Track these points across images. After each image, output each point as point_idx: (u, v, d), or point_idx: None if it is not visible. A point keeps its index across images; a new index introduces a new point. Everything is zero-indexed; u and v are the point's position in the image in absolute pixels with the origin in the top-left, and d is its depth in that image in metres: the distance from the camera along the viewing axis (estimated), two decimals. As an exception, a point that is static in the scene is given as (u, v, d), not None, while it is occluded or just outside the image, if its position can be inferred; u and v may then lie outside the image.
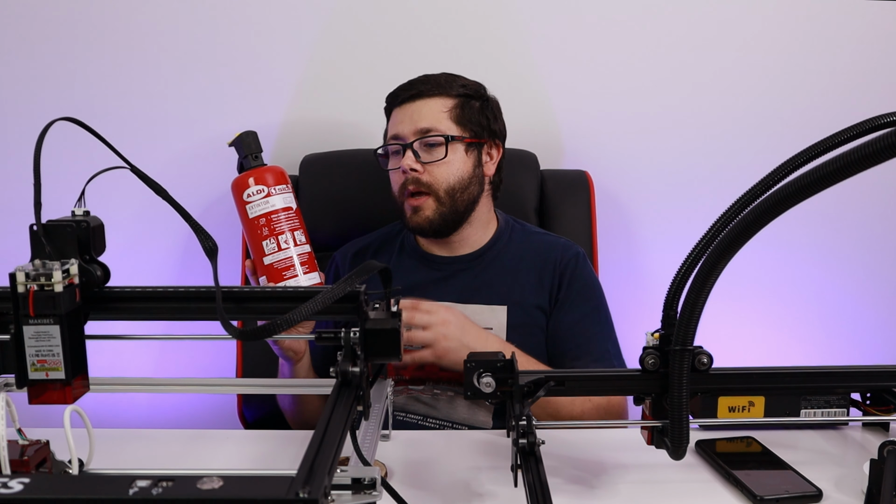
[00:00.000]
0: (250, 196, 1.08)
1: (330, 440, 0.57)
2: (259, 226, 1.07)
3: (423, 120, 1.25)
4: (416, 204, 1.25)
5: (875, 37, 1.64)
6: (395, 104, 1.29)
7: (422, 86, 1.27)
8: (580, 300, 1.28)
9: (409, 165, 1.23)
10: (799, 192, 0.56)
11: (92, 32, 1.56)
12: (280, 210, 1.09)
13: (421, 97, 1.26)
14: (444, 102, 1.27)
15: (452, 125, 1.26)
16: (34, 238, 0.68)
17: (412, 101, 1.27)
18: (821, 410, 1.05)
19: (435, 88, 1.27)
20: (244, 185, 1.08)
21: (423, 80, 1.29)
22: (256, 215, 1.08)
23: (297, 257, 1.09)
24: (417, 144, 1.24)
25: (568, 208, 1.51)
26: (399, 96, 1.28)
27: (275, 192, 1.09)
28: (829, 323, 1.76)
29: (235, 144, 1.11)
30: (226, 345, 1.53)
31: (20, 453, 0.73)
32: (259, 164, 1.10)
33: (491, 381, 0.84)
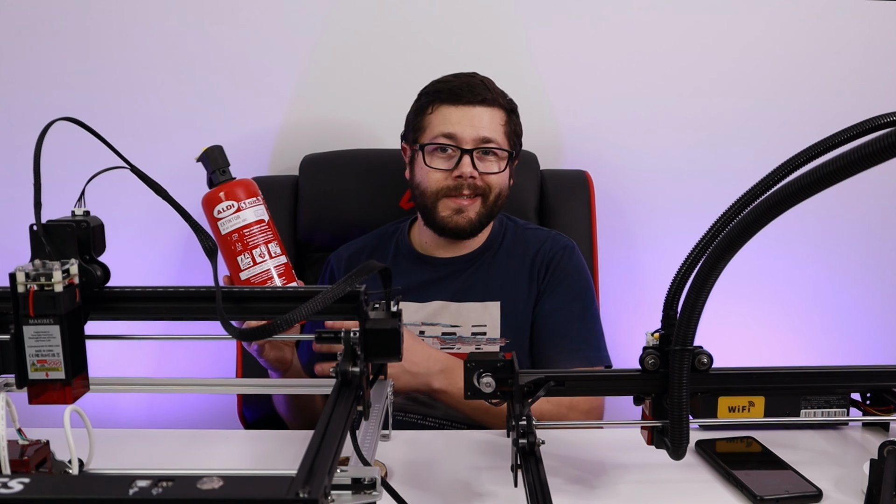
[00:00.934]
0: (221, 212, 1.06)
1: (330, 440, 0.57)
2: (232, 241, 1.06)
3: (484, 129, 1.24)
4: (465, 204, 1.25)
5: (875, 37, 1.64)
6: (451, 102, 1.25)
7: (484, 92, 1.25)
8: (561, 289, 1.29)
9: (469, 173, 1.23)
10: (799, 192, 0.56)
11: (92, 34, 1.57)
12: (252, 223, 1.07)
13: (483, 104, 1.25)
14: (500, 115, 1.27)
15: (505, 140, 1.27)
16: (34, 238, 0.68)
17: (473, 105, 1.25)
18: (821, 410, 1.05)
19: (493, 98, 1.26)
20: (214, 200, 1.06)
21: (481, 85, 1.27)
22: (229, 231, 1.06)
23: (274, 269, 1.07)
24: (478, 153, 1.24)
25: (568, 208, 1.51)
26: (460, 96, 1.25)
27: (245, 206, 1.07)
28: (829, 323, 1.76)
29: (202, 160, 1.09)
30: (226, 345, 1.53)
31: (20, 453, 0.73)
32: (227, 179, 1.08)
33: (491, 381, 0.84)
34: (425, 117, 1.28)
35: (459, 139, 1.24)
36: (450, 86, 1.27)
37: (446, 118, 1.25)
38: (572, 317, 1.28)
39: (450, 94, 1.26)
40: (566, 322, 1.27)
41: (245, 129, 1.63)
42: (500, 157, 1.27)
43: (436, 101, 1.27)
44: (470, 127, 1.24)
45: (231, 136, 1.62)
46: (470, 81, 1.27)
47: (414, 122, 1.30)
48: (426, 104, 1.28)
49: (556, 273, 1.29)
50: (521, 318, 1.27)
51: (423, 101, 1.29)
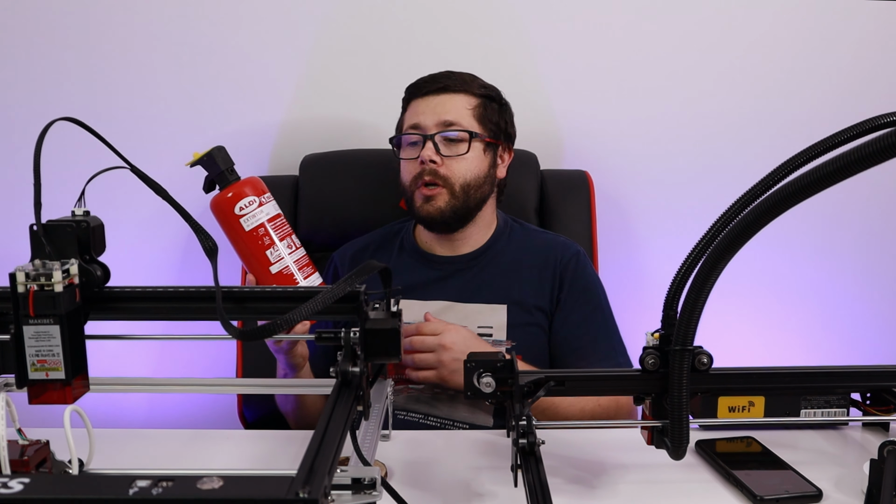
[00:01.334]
0: (243, 209, 1.06)
1: (330, 440, 0.57)
2: (259, 236, 1.06)
3: (447, 113, 1.26)
4: (430, 193, 1.25)
5: (875, 37, 1.64)
6: (418, 95, 1.29)
7: (447, 80, 1.28)
8: (582, 300, 1.29)
9: (429, 157, 1.24)
10: (799, 192, 0.56)
11: (92, 33, 1.56)
12: (275, 217, 1.08)
13: (446, 91, 1.27)
14: (468, 100, 1.28)
15: (475, 122, 1.28)
16: (34, 238, 0.68)
17: (437, 93, 1.27)
18: (821, 410, 1.05)
19: (460, 84, 1.28)
20: (235, 198, 1.06)
21: (448, 75, 1.30)
22: (254, 226, 1.06)
23: (299, 261, 1.09)
24: (439, 137, 1.25)
25: (568, 208, 1.51)
26: (423, 87, 1.29)
27: (266, 199, 1.08)
28: (829, 323, 1.76)
29: (204, 162, 1.08)
30: (226, 345, 1.53)
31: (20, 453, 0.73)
32: (237, 178, 1.08)
33: (491, 381, 0.84)
34: (402, 116, 1.34)
35: (423, 127, 1.26)
36: (419, 81, 1.31)
37: (414, 110, 1.29)
38: (599, 325, 1.29)
39: (416, 89, 1.30)
40: (595, 332, 1.28)
41: (245, 129, 1.63)
42: (464, 140, 1.26)
43: (407, 98, 1.32)
44: (432, 113, 1.26)
45: (231, 136, 1.62)
46: (437, 75, 1.30)
47: (397, 123, 1.35)
48: (404, 104, 1.34)
49: (575, 284, 1.29)
50: (528, 321, 1.27)
51: (403, 103, 1.34)
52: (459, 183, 1.26)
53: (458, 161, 1.26)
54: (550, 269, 1.29)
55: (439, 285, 1.29)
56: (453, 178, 1.25)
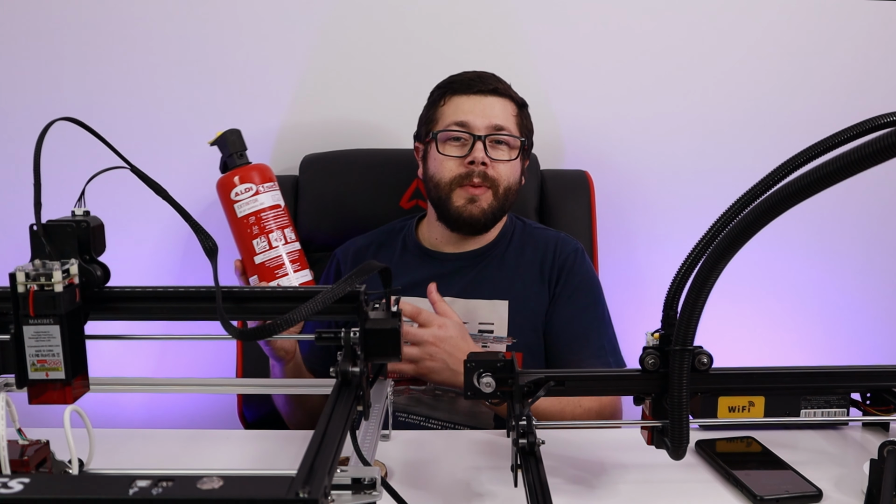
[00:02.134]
0: (238, 195, 1.07)
1: (330, 440, 0.57)
2: (249, 224, 1.07)
3: (497, 117, 1.26)
4: (477, 194, 1.25)
5: (875, 37, 1.64)
6: (463, 92, 1.27)
7: (496, 82, 1.28)
8: (577, 295, 1.29)
9: (481, 158, 1.23)
10: (799, 192, 0.56)
11: (92, 34, 1.56)
12: (269, 208, 1.08)
13: (495, 94, 1.27)
14: (512, 106, 1.29)
15: (517, 130, 1.28)
16: (34, 238, 0.68)
17: (485, 94, 1.26)
18: (821, 410, 1.05)
19: (505, 89, 1.29)
20: (231, 183, 1.07)
21: (495, 77, 1.29)
22: (245, 214, 1.07)
23: (288, 255, 1.09)
24: (490, 140, 1.25)
25: (568, 208, 1.51)
26: (471, 86, 1.27)
27: (263, 189, 1.08)
28: (829, 323, 1.76)
29: (219, 143, 1.09)
30: (226, 345, 1.53)
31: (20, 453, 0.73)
32: (245, 163, 1.09)
33: (491, 381, 0.84)
34: (438, 109, 1.29)
35: (472, 126, 1.25)
36: (461, 77, 1.30)
37: (459, 107, 1.27)
38: (593, 322, 1.29)
39: (462, 84, 1.28)
40: (587, 328, 1.28)
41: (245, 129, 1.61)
42: (513, 146, 1.27)
43: (448, 92, 1.29)
44: (482, 115, 1.25)
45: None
46: (481, 74, 1.30)
47: (427, 116, 1.32)
48: (438, 97, 1.30)
49: (571, 278, 1.29)
50: (530, 318, 1.27)
51: (436, 95, 1.31)
52: (504, 186, 1.26)
53: (506, 165, 1.26)
54: (549, 264, 1.30)
55: (443, 282, 1.29)
56: (500, 180, 1.26)
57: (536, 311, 1.27)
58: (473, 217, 1.26)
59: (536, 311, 1.27)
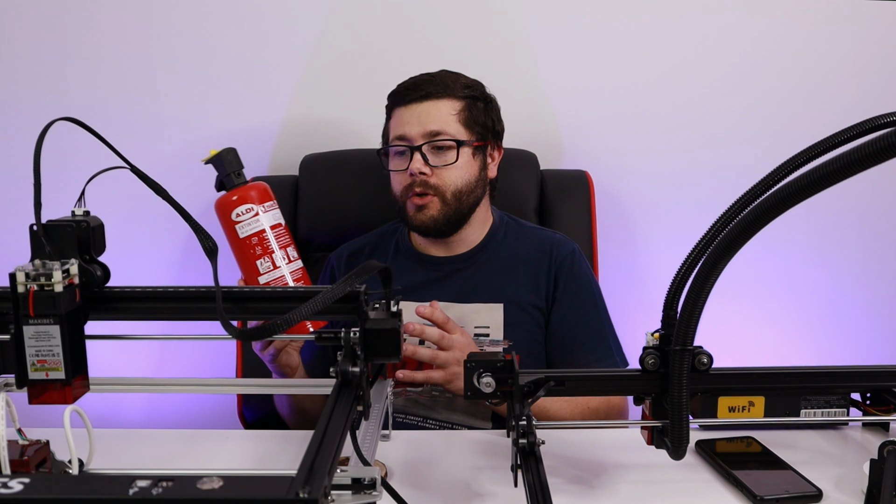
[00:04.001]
0: (239, 216, 1.06)
1: (330, 440, 0.57)
2: (251, 245, 1.06)
3: (431, 122, 1.23)
4: (422, 203, 1.24)
5: (875, 37, 1.64)
6: (400, 103, 1.26)
7: (429, 86, 1.25)
8: (579, 298, 1.28)
9: (418, 169, 1.22)
10: (799, 192, 0.56)
11: (92, 33, 1.56)
12: (271, 227, 1.08)
13: (429, 98, 1.24)
14: (452, 104, 1.25)
15: (461, 128, 1.25)
16: (34, 238, 0.68)
17: (419, 101, 1.24)
18: (821, 410, 1.05)
19: (442, 90, 1.25)
20: (232, 204, 1.06)
21: (429, 80, 1.26)
22: (248, 235, 1.06)
23: (291, 274, 1.08)
24: (426, 147, 1.23)
25: (568, 208, 1.51)
26: (405, 96, 1.25)
27: (264, 209, 1.08)
28: (829, 323, 1.76)
29: (215, 162, 1.08)
30: (226, 345, 1.53)
31: (20, 453, 0.73)
32: (242, 182, 1.08)
33: (491, 381, 0.84)
34: (387, 124, 1.30)
35: (409, 138, 1.24)
36: (400, 88, 1.28)
37: (399, 119, 1.26)
38: (597, 323, 1.29)
39: (397, 96, 1.27)
40: (591, 330, 1.28)
41: (245, 129, 1.63)
42: (452, 148, 1.24)
43: (391, 106, 1.29)
44: (417, 123, 1.23)
45: (231, 136, 1.62)
46: (419, 80, 1.27)
47: (383, 131, 1.32)
48: (387, 111, 1.30)
49: (571, 281, 1.28)
50: (525, 320, 1.26)
51: (386, 110, 1.31)
52: (451, 191, 1.24)
53: (448, 169, 1.24)
54: (546, 266, 1.29)
55: (436, 286, 1.29)
56: (444, 186, 1.24)
57: (532, 313, 1.27)
58: (425, 224, 1.25)
59: (532, 313, 1.27)
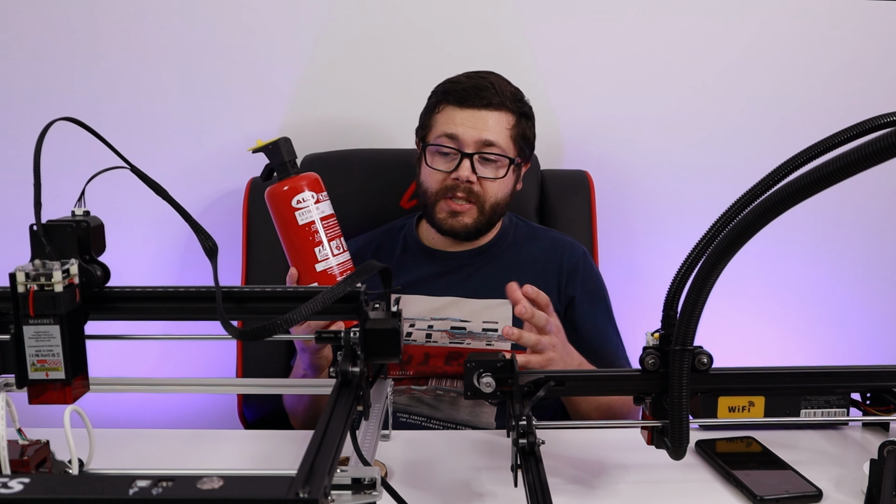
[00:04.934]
0: (301, 202, 1.06)
1: (330, 440, 0.57)
2: (311, 232, 1.07)
3: (488, 132, 1.23)
4: (459, 209, 1.24)
5: (875, 37, 1.64)
6: (458, 104, 1.24)
7: (492, 96, 1.24)
8: (594, 300, 1.31)
9: (466, 177, 1.22)
10: (799, 192, 0.56)
11: (93, 33, 1.56)
12: (329, 216, 1.09)
13: (490, 108, 1.23)
14: (507, 119, 1.25)
15: (511, 144, 1.25)
16: (34, 238, 0.68)
17: (479, 109, 1.23)
18: (821, 410, 1.05)
19: (502, 101, 1.24)
20: (292, 192, 1.06)
21: (492, 88, 1.24)
22: (307, 222, 1.07)
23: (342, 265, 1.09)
24: (478, 157, 1.23)
25: (568, 208, 1.51)
26: (465, 99, 1.24)
27: (322, 198, 1.09)
28: (829, 323, 1.76)
29: (270, 150, 1.08)
30: (226, 345, 1.53)
31: (20, 453, 0.73)
32: (298, 171, 1.08)
33: (491, 381, 0.84)
34: (432, 116, 1.28)
35: (461, 141, 1.23)
36: (459, 87, 1.26)
37: (451, 118, 1.24)
38: (610, 325, 1.31)
39: (457, 95, 1.25)
40: (608, 332, 1.30)
41: (246, 129, 1.63)
42: (501, 164, 1.25)
43: (443, 100, 1.27)
44: (473, 129, 1.23)
45: (232, 136, 1.62)
46: (480, 83, 1.25)
47: (423, 119, 1.31)
48: (434, 103, 1.28)
49: (586, 284, 1.30)
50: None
51: (433, 100, 1.29)
52: (490, 203, 1.25)
53: (493, 183, 1.25)
54: (556, 267, 1.30)
55: (444, 280, 1.29)
56: (485, 198, 1.25)
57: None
58: (455, 230, 1.26)
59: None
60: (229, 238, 1.52)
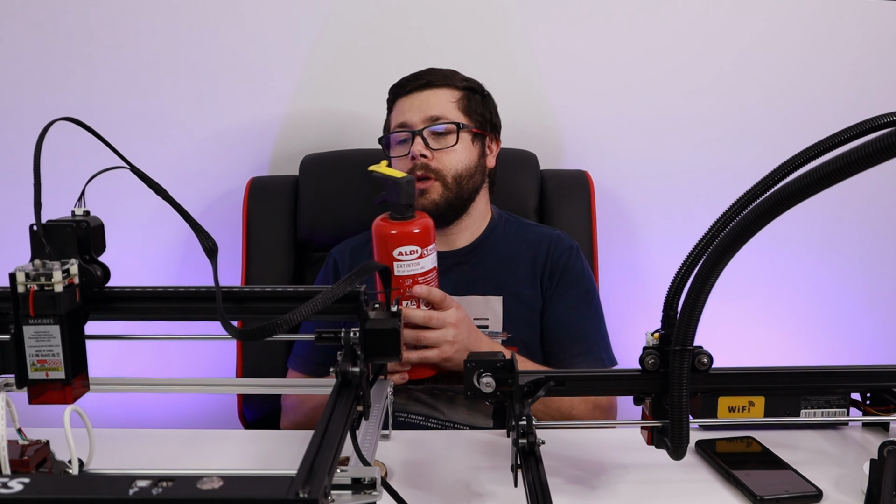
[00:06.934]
0: (402, 255, 1.05)
1: (330, 440, 0.57)
2: (403, 286, 1.05)
3: (432, 108, 1.27)
4: (423, 187, 1.25)
5: (875, 37, 1.64)
6: (402, 94, 1.31)
7: (429, 76, 1.30)
8: (571, 292, 1.30)
9: (419, 152, 1.24)
10: (799, 192, 0.56)
11: (92, 33, 1.56)
12: (428, 272, 1.07)
13: (429, 87, 1.29)
14: (451, 93, 1.30)
15: (460, 115, 1.29)
16: (34, 238, 0.68)
17: (420, 90, 1.29)
18: (821, 410, 1.05)
19: (442, 79, 1.30)
20: (400, 240, 1.04)
21: (429, 71, 1.31)
22: (403, 275, 1.05)
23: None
24: (427, 132, 1.26)
25: (568, 208, 1.51)
26: (406, 86, 1.30)
27: (428, 251, 1.07)
28: (829, 323, 1.76)
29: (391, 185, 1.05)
30: (226, 345, 1.53)
31: (20, 453, 0.73)
32: (411, 216, 1.06)
33: (491, 381, 0.84)
34: (388, 117, 1.34)
35: (410, 124, 1.28)
36: (400, 80, 1.32)
37: (399, 109, 1.30)
38: (585, 319, 1.30)
39: (398, 87, 1.32)
40: (580, 324, 1.29)
41: (245, 129, 1.63)
42: (452, 132, 1.27)
43: (392, 98, 1.33)
44: (418, 110, 1.27)
45: (231, 136, 1.62)
46: (416, 73, 1.32)
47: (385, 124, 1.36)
48: (388, 105, 1.35)
49: (566, 275, 1.30)
50: (524, 313, 1.28)
51: (388, 104, 1.35)
52: (451, 174, 1.26)
53: (448, 153, 1.26)
54: (542, 261, 1.31)
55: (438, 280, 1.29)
56: (444, 170, 1.26)
57: (530, 306, 1.28)
58: (426, 209, 1.25)
59: (530, 306, 1.28)
60: (229, 238, 1.52)
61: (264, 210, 1.50)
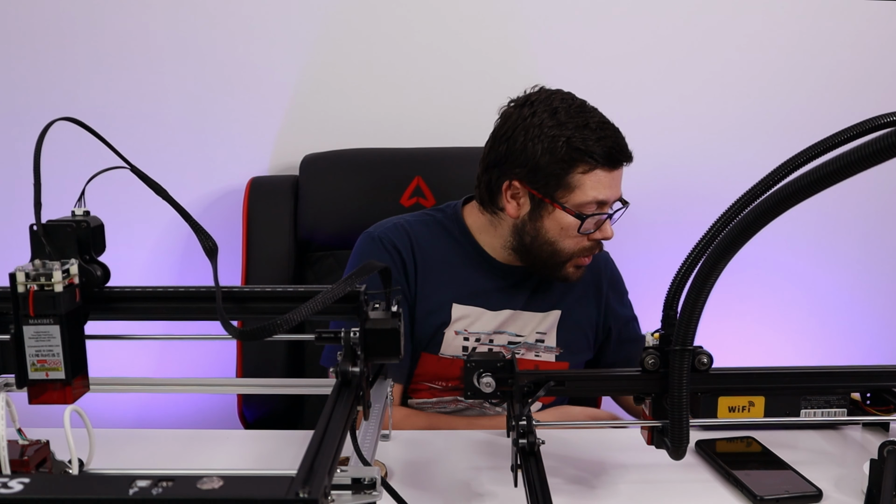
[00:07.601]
0: None
1: (330, 440, 0.57)
2: None
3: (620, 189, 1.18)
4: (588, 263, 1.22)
5: (875, 37, 1.64)
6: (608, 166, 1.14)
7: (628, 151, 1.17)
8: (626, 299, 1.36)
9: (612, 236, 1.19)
10: (799, 192, 0.56)
11: (92, 33, 1.56)
12: None
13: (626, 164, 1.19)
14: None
15: None
16: (34, 238, 0.68)
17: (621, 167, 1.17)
18: (821, 410, 1.05)
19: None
20: None
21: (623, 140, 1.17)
22: None
23: None
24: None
25: (568, 208, 1.51)
26: (615, 160, 1.15)
27: None
28: (829, 323, 1.76)
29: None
30: (226, 345, 1.53)
31: (20, 453, 0.73)
32: None
33: (491, 381, 0.84)
34: (576, 176, 1.14)
35: (609, 204, 1.17)
36: (605, 146, 1.14)
37: (600, 182, 1.14)
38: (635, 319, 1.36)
39: (607, 157, 1.14)
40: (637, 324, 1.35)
41: (245, 129, 1.63)
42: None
43: (591, 161, 1.14)
44: (617, 189, 1.17)
45: (231, 136, 1.62)
46: (618, 140, 1.16)
47: (552, 170, 1.14)
48: (577, 160, 1.13)
49: (617, 285, 1.35)
50: (574, 327, 1.28)
51: (574, 155, 1.13)
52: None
53: None
54: (599, 274, 1.32)
55: (505, 294, 1.25)
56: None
57: (585, 322, 1.30)
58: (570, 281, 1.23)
59: (585, 322, 1.30)
60: (229, 238, 1.52)
61: (264, 210, 1.50)
